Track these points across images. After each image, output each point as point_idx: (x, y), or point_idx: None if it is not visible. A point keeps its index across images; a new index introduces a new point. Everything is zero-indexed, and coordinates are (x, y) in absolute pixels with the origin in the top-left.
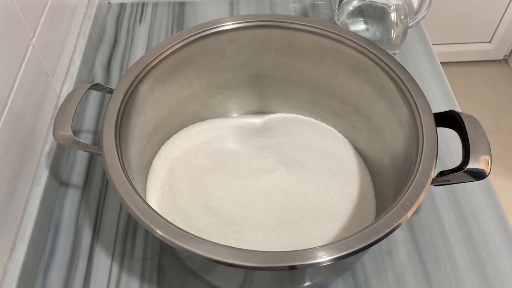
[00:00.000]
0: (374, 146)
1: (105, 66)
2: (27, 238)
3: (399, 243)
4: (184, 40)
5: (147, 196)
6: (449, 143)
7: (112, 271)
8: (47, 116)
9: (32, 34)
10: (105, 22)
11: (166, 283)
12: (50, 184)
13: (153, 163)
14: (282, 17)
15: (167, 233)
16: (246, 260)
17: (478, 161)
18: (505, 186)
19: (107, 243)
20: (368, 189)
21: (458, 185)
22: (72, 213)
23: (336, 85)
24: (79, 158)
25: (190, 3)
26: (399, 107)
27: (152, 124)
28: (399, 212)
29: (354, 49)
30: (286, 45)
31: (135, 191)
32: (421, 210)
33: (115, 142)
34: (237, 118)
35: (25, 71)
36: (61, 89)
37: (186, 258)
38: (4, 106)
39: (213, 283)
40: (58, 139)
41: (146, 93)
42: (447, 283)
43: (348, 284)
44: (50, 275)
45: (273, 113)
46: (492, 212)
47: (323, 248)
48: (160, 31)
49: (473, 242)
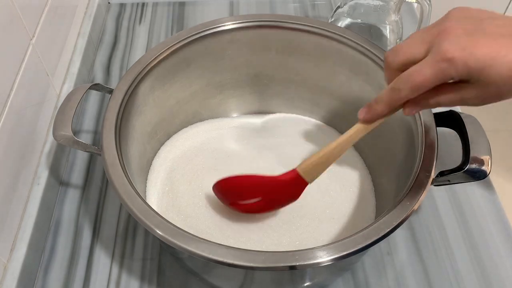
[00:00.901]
0: (374, 146)
1: (105, 66)
2: (27, 238)
3: (399, 243)
4: (184, 40)
5: (147, 196)
6: (449, 143)
7: (112, 271)
8: (47, 116)
9: (32, 34)
10: (105, 22)
11: (166, 283)
12: (50, 184)
13: (153, 163)
14: (282, 17)
15: (167, 233)
16: (246, 260)
17: (478, 161)
18: (505, 186)
19: (107, 243)
20: (368, 189)
21: (458, 185)
22: (72, 213)
23: (336, 85)
24: (79, 158)
25: (190, 3)
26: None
27: (152, 124)
28: (399, 212)
29: (354, 49)
30: (286, 45)
31: (135, 191)
32: (421, 210)
33: (115, 142)
34: (237, 118)
35: (25, 71)
36: (61, 89)
37: (186, 258)
38: (4, 106)
39: (213, 283)
40: (58, 139)
41: (146, 93)
42: (447, 283)
43: (348, 284)
44: (50, 275)
45: (273, 113)
46: (492, 212)
47: (323, 248)
48: (160, 31)
49: (473, 242)
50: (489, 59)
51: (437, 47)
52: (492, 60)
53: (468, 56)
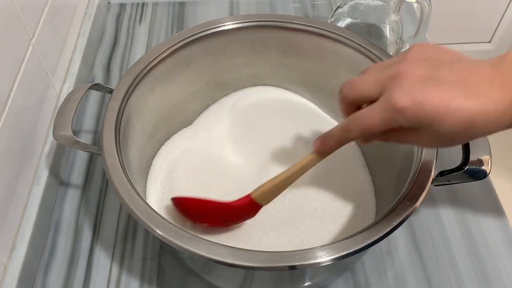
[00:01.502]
0: (374, 146)
1: (105, 66)
2: (27, 238)
3: (399, 243)
4: (184, 40)
5: (147, 196)
6: None
7: (112, 271)
8: (47, 116)
9: (32, 34)
10: (105, 22)
11: (166, 283)
12: (50, 184)
13: (153, 163)
14: (282, 17)
15: (167, 233)
16: (246, 260)
17: (478, 161)
18: (505, 186)
19: (107, 243)
20: (368, 189)
21: (458, 185)
22: (72, 213)
23: (336, 85)
24: (79, 158)
25: (190, 3)
26: None
27: (152, 124)
28: (399, 212)
29: (354, 49)
30: (286, 45)
31: (135, 191)
32: (421, 210)
33: (115, 142)
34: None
35: (25, 71)
36: (61, 89)
37: (186, 258)
38: (4, 106)
39: (213, 283)
40: (58, 139)
41: (146, 93)
42: (447, 283)
43: (348, 284)
44: (50, 275)
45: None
46: (492, 212)
47: (323, 248)
48: (160, 31)
49: (473, 242)
50: (440, 112)
51: (389, 93)
52: (442, 114)
53: (418, 108)
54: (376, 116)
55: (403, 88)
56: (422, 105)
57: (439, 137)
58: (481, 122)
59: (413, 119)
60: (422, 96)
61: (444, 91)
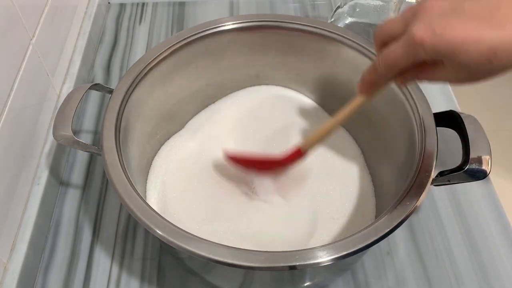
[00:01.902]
0: (374, 146)
1: (105, 66)
2: (27, 238)
3: (399, 243)
4: (184, 40)
5: (147, 196)
6: (449, 143)
7: (112, 271)
8: (47, 116)
9: (32, 34)
10: (105, 22)
11: (166, 283)
12: (50, 184)
13: (153, 163)
14: (282, 17)
15: (167, 233)
16: (246, 260)
17: (478, 161)
18: (505, 186)
19: (107, 243)
20: (368, 189)
21: (458, 185)
22: (72, 213)
23: (336, 85)
24: (79, 158)
25: (190, 3)
26: (399, 107)
27: (152, 124)
28: (399, 212)
29: (354, 49)
30: (286, 45)
31: (135, 191)
32: (421, 210)
33: (115, 142)
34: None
35: (25, 71)
36: (61, 89)
37: (186, 258)
38: (4, 106)
39: (213, 283)
40: (58, 139)
41: (146, 93)
42: (447, 283)
43: (348, 284)
44: (50, 275)
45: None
46: (492, 212)
47: (323, 248)
48: (160, 31)
49: (473, 242)
50: (460, 42)
51: (410, 28)
52: (462, 44)
53: (438, 40)
54: (398, 51)
55: (423, 21)
56: (441, 36)
57: (464, 70)
58: (505, 52)
59: (432, 50)
60: (441, 27)
61: (465, 22)
